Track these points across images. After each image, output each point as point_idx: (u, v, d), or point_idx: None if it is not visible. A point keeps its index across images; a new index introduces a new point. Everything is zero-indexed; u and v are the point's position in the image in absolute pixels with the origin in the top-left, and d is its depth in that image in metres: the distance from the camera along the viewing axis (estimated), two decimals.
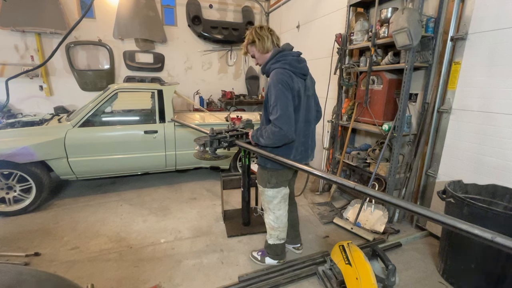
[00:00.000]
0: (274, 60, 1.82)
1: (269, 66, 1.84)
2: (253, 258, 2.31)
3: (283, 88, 1.71)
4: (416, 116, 2.87)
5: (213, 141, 2.20)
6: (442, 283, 2.09)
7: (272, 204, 2.07)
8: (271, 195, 2.04)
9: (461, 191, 2.20)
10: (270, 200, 2.06)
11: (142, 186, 3.84)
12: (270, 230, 2.17)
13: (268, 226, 2.17)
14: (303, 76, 1.87)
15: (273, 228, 2.13)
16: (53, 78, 5.42)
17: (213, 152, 2.24)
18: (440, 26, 2.55)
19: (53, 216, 2.97)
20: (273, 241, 2.18)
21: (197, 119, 4.59)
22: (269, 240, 2.20)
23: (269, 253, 2.24)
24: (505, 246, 0.80)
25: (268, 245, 2.22)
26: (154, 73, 6.08)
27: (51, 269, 2.16)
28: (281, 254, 2.24)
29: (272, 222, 2.12)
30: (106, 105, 3.42)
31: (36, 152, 2.90)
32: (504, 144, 2.12)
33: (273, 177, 1.98)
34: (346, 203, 3.31)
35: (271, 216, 2.11)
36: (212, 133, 2.20)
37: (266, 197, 2.07)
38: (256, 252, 2.33)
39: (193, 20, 5.98)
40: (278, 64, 1.80)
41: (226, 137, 2.21)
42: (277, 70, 1.77)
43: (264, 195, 2.08)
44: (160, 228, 2.78)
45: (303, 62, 1.88)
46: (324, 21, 4.22)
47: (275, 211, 2.08)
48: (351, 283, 1.76)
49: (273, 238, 2.17)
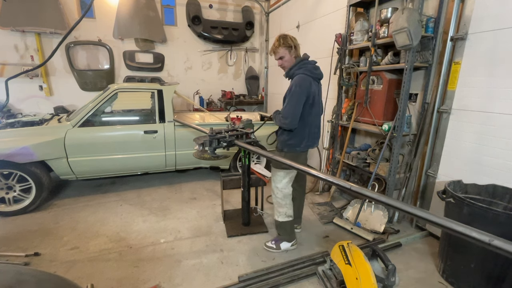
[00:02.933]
0: (297, 67, 2.18)
1: (293, 71, 2.19)
2: (268, 249, 2.45)
3: (300, 91, 2.07)
4: (416, 116, 2.87)
5: (212, 140, 2.21)
6: (442, 283, 2.09)
7: (282, 183, 2.33)
8: (283, 175, 2.32)
9: (461, 191, 2.20)
10: (280, 179, 2.33)
11: (142, 186, 3.84)
12: (278, 208, 2.40)
13: (277, 204, 2.41)
14: (319, 80, 2.27)
15: (281, 205, 2.38)
16: (53, 78, 5.42)
17: (212, 152, 2.25)
18: (440, 26, 2.55)
19: (53, 216, 2.97)
20: (282, 218, 2.40)
21: (197, 119, 4.59)
22: (278, 218, 2.42)
23: (281, 234, 2.45)
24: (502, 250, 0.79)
25: (279, 223, 2.43)
26: (154, 73, 6.08)
27: (51, 269, 2.16)
28: (292, 233, 2.47)
29: (280, 199, 2.36)
30: (106, 105, 3.42)
31: (36, 152, 2.90)
32: (504, 144, 2.12)
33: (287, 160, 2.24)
34: (346, 203, 3.31)
35: (279, 195, 2.36)
36: (211, 133, 2.20)
37: (278, 177, 2.34)
38: (269, 242, 2.48)
39: (193, 20, 5.98)
40: (301, 70, 2.15)
41: (225, 137, 2.22)
42: (300, 75, 2.11)
43: (276, 175, 2.35)
44: (160, 228, 2.78)
45: (318, 69, 2.25)
46: (324, 21, 4.22)
47: (283, 189, 2.35)
48: (351, 283, 1.76)
49: (282, 215, 2.40)
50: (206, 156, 2.30)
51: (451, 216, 2.04)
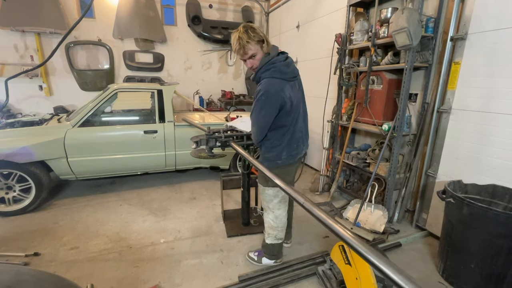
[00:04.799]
0: (264, 68, 1.78)
1: (259, 75, 1.81)
2: (249, 259, 2.30)
3: (266, 101, 1.73)
4: (416, 116, 2.87)
5: (209, 139, 2.19)
6: (442, 283, 2.09)
7: (272, 203, 2.07)
8: (272, 194, 2.04)
9: (461, 191, 2.20)
10: (270, 199, 2.06)
11: (142, 186, 3.84)
12: (268, 229, 2.16)
13: (267, 225, 2.16)
14: (293, 78, 1.87)
15: (272, 227, 2.13)
16: (53, 78, 5.42)
17: (209, 151, 2.23)
18: (440, 26, 2.55)
19: (53, 216, 2.97)
20: (271, 240, 2.17)
21: (197, 119, 4.59)
22: (267, 240, 2.20)
23: (266, 253, 2.24)
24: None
25: (266, 244, 2.21)
26: (154, 73, 6.08)
27: (50, 269, 2.16)
28: (277, 254, 2.24)
29: (272, 221, 2.11)
30: (106, 105, 3.42)
31: (35, 152, 2.89)
32: (504, 144, 2.12)
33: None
34: (346, 203, 3.31)
35: (271, 216, 2.11)
36: (208, 132, 2.19)
37: (267, 196, 2.07)
38: (252, 253, 2.32)
39: (193, 20, 5.97)
40: (267, 73, 1.76)
41: (221, 137, 2.20)
42: (267, 80, 1.74)
43: (265, 194, 2.07)
44: (160, 228, 2.78)
45: (291, 64, 1.86)
46: (324, 21, 4.22)
47: (275, 210, 2.08)
48: (351, 283, 1.76)
49: (271, 237, 2.16)
50: (203, 155, 2.27)
51: (451, 216, 2.05)
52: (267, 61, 1.78)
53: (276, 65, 1.77)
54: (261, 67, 1.79)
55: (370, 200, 2.94)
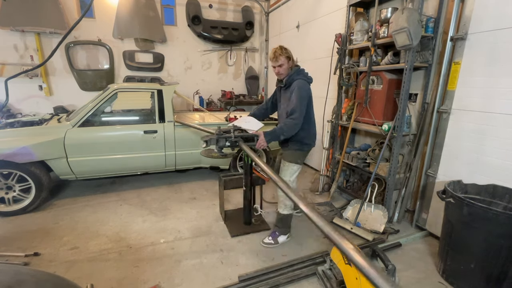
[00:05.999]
0: (296, 73, 2.40)
1: (293, 77, 2.39)
2: (266, 245, 2.51)
3: (305, 95, 2.31)
4: (416, 116, 2.87)
5: (219, 139, 2.23)
6: (442, 283, 2.09)
7: (293, 176, 2.50)
8: (295, 169, 2.50)
9: (461, 191, 2.20)
10: (293, 173, 2.50)
11: (142, 186, 3.84)
12: (285, 201, 2.50)
13: (284, 197, 2.48)
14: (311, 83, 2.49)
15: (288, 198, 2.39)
16: (53, 78, 5.42)
17: (219, 151, 2.28)
18: (440, 26, 2.55)
19: (53, 216, 2.97)
20: (287, 211, 2.52)
21: (197, 119, 4.59)
22: (283, 211, 2.53)
23: (280, 227, 2.55)
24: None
25: (282, 216, 2.54)
26: (154, 73, 6.08)
27: (50, 269, 2.15)
28: (290, 226, 2.62)
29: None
30: (106, 105, 3.42)
31: (35, 152, 2.89)
32: (504, 144, 2.12)
33: (301, 156, 2.52)
34: (346, 203, 3.31)
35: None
36: (218, 132, 2.23)
37: (291, 171, 2.49)
38: (266, 238, 2.56)
39: (193, 20, 5.98)
40: (299, 76, 2.38)
41: (231, 137, 2.23)
42: (301, 80, 2.35)
43: (290, 169, 2.49)
44: (159, 228, 2.77)
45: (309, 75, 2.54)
46: (324, 21, 4.22)
47: (293, 183, 2.50)
48: (351, 283, 1.76)
49: (287, 208, 2.51)
50: (214, 155, 2.33)
51: (451, 216, 2.05)
52: (298, 70, 2.43)
53: (304, 72, 2.45)
54: (294, 73, 2.40)
55: (370, 200, 2.94)
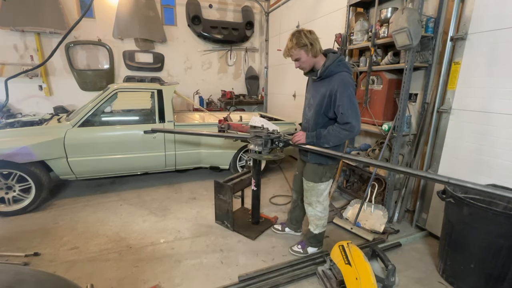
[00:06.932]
0: (336, 64, 1.92)
1: (330, 69, 1.92)
2: (295, 253, 2.40)
3: (354, 91, 1.88)
4: (416, 116, 2.87)
5: (267, 141, 2.26)
6: (442, 283, 2.09)
7: (322, 196, 2.24)
8: (324, 188, 2.21)
9: (461, 191, 2.20)
10: (321, 193, 2.22)
11: (142, 186, 3.84)
12: (316, 221, 2.31)
13: (314, 218, 2.31)
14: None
15: (320, 218, 2.30)
16: (53, 78, 5.42)
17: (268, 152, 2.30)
18: (440, 26, 2.55)
19: (53, 216, 2.97)
20: (319, 230, 2.34)
21: (197, 119, 4.59)
22: (315, 231, 2.34)
23: (313, 243, 2.39)
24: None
25: (314, 235, 2.35)
26: (154, 73, 6.08)
27: (50, 269, 2.15)
28: (322, 240, 2.44)
29: (320, 213, 2.27)
30: (106, 105, 3.42)
31: (35, 152, 2.89)
32: (504, 144, 2.12)
33: (328, 172, 2.19)
34: (346, 203, 3.31)
35: (319, 208, 2.26)
36: (266, 134, 2.25)
37: (318, 191, 2.21)
38: (295, 246, 2.44)
39: (193, 20, 5.98)
40: (340, 67, 1.91)
41: (280, 137, 2.26)
42: (344, 73, 1.90)
43: (316, 190, 2.20)
44: (159, 228, 2.77)
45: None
46: (324, 21, 4.22)
47: (324, 202, 2.26)
48: (351, 283, 1.76)
49: (319, 227, 2.33)
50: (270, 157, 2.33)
51: (451, 216, 2.05)
52: (337, 58, 1.93)
53: (346, 63, 1.97)
54: (332, 63, 1.91)
55: (370, 200, 2.94)
